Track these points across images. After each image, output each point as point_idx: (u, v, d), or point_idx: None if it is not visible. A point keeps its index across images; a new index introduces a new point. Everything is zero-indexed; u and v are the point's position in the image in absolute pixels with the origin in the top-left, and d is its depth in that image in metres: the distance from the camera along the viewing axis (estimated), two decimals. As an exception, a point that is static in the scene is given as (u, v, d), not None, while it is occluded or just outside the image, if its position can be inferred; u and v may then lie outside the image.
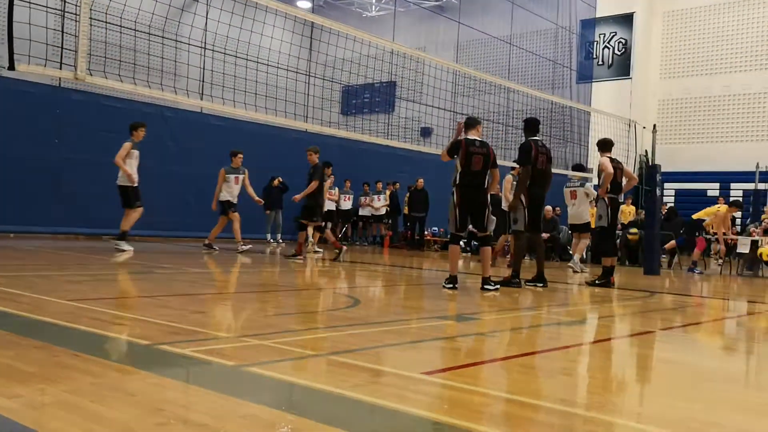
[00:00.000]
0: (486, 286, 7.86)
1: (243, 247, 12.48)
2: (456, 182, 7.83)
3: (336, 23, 11.89)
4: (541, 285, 8.73)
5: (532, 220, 8.68)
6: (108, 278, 7.58)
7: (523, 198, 8.61)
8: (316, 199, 11.79)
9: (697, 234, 14.47)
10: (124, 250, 10.76)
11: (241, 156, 12.80)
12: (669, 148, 24.26)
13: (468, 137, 7.90)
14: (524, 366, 3.96)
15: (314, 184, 11.69)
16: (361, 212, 19.55)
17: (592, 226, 12.41)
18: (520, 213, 8.68)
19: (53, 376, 3.03)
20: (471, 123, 8.05)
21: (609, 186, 9.46)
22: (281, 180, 17.21)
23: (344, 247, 12.22)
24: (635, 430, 2.76)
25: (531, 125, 8.94)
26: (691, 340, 5.65)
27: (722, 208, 14.60)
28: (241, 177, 12.66)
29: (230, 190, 12.53)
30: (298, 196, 11.80)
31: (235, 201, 12.58)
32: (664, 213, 15.24)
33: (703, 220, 14.56)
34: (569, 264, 12.93)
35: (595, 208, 10.64)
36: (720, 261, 15.22)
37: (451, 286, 7.78)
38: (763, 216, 15.99)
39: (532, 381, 3.64)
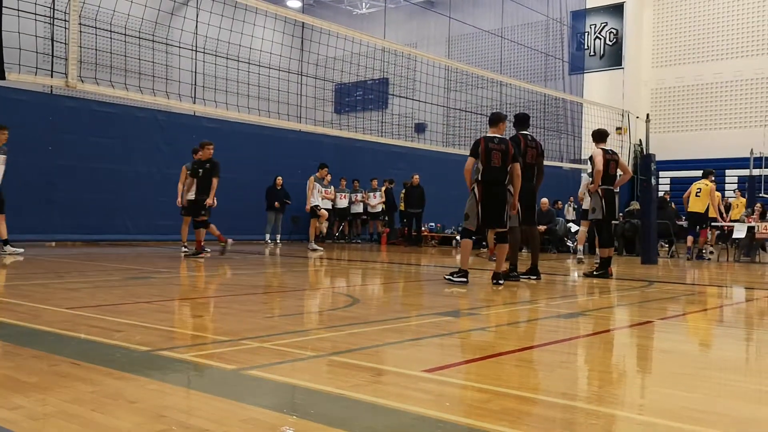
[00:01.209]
0: (498, 281, 7.98)
1: (185, 249, 12.36)
2: (478, 179, 7.86)
3: (326, 22, 11.88)
4: (535, 278, 8.78)
5: (526, 213, 8.71)
6: (106, 285, 7.57)
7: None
8: (208, 195, 11.45)
9: (704, 225, 14.55)
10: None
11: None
12: (663, 137, 24.30)
13: (487, 134, 8.01)
14: (525, 360, 3.96)
15: (216, 182, 11.41)
16: (353, 210, 19.50)
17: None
18: None
19: (53, 385, 3.02)
20: (493, 120, 8.17)
21: (601, 179, 9.52)
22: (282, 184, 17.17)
23: (213, 249, 11.85)
24: (637, 422, 2.76)
25: (520, 119, 9.02)
26: (691, 329, 5.66)
27: (711, 185, 14.60)
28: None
29: (195, 187, 12.43)
30: (210, 200, 11.38)
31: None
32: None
33: (707, 209, 14.46)
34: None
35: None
36: (711, 250, 15.23)
37: (464, 280, 7.85)
38: (757, 206, 16.11)
39: (532, 375, 3.65)
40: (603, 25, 25.87)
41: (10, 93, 13.41)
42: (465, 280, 7.87)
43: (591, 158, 9.91)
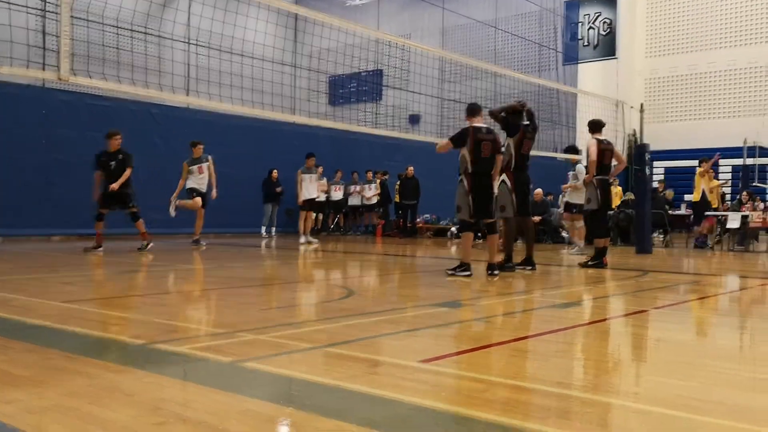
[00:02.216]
0: (494, 272, 7.96)
1: (202, 243, 12.33)
2: (468, 170, 7.85)
3: (320, 14, 11.82)
4: (530, 268, 8.78)
5: (521, 204, 8.71)
6: (100, 278, 7.56)
7: (508, 182, 8.61)
8: (129, 185, 11.08)
9: (705, 215, 14.67)
10: None
11: (201, 146, 12.53)
12: (657, 127, 24.31)
13: (474, 125, 7.95)
14: (520, 350, 3.97)
15: (129, 172, 10.89)
16: (350, 202, 19.49)
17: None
18: (507, 199, 8.65)
19: (49, 379, 3.02)
20: (475, 109, 8.11)
21: (597, 169, 9.52)
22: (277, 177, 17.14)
23: (101, 247, 11.15)
24: (632, 410, 2.77)
25: (519, 112, 8.96)
26: (685, 318, 5.68)
27: (698, 170, 14.78)
28: (205, 165, 12.43)
29: (197, 179, 12.39)
30: (116, 185, 10.73)
31: (203, 190, 12.36)
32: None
33: (705, 197, 14.59)
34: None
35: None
36: (716, 237, 15.31)
37: (467, 273, 7.81)
38: (744, 195, 16.18)
39: (528, 365, 3.66)
40: (597, 14, 25.82)
41: (2, 87, 13.34)
42: (469, 273, 7.83)
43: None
